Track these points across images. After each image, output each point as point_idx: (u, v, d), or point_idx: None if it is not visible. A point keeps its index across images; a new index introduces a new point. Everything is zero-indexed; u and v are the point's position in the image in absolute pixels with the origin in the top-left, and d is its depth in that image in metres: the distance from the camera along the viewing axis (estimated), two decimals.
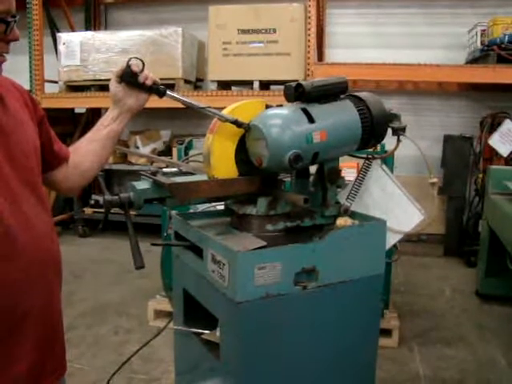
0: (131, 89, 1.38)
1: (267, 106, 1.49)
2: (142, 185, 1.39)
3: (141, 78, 1.36)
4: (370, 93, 1.53)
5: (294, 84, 1.42)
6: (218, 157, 1.44)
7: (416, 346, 3.04)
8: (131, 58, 1.36)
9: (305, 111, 1.39)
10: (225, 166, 1.45)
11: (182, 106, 1.47)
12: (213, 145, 1.43)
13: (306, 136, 1.35)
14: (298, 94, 1.42)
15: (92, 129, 1.44)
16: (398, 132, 1.53)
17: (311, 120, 1.38)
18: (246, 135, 1.44)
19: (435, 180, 1.59)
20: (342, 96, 1.49)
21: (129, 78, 1.36)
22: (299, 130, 1.36)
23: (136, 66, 1.36)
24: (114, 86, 1.39)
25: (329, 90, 1.44)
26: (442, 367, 2.81)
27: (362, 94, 1.51)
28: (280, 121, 1.38)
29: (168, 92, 1.40)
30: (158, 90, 1.39)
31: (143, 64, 1.37)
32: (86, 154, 1.40)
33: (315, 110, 1.40)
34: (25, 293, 1.13)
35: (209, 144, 1.44)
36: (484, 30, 4.48)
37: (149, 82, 1.37)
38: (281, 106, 1.47)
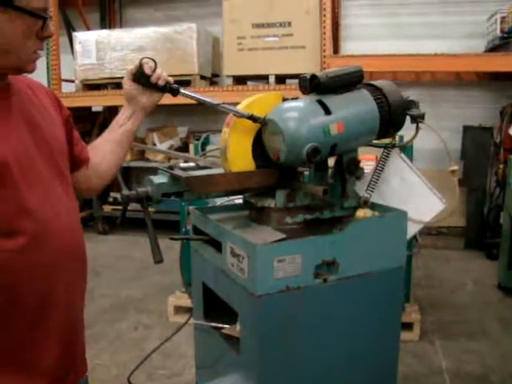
0: (144, 88, 1.39)
1: (284, 100, 1.47)
2: (160, 179, 1.39)
3: (153, 79, 1.36)
4: (387, 81, 1.50)
5: (308, 75, 1.40)
6: (234, 151, 1.42)
7: (438, 340, 3.00)
8: (143, 58, 1.36)
9: (321, 103, 1.37)
10: (242, 160, 1.44)
11: (199, 103, 1.47)
12: (229, 139, 1.42)
13: (323, 128, 1.34)
14: (313, 85, 1.40)
15: (107, 128, 1.45)
16: (417, 119, 1.50)
17: (328, 112, 1.36)
18: (263, 130, 1.43)
19: (456, 167, 1.55)
20: (357, 86, 1.46)
21: (141, 78, 1.37)
22: (316, 122, 1.34)
23: (148, 67, 1.36)
24: (127, 84, 1.39)
25: (344, 80, 1.41)
26: (465, 361, 2.77)
27: (378, 83, 1.49)
28: (296, 114, 1.36)
29: (181, 90, 1.40)
30: (171, 89, 1.39)
31: (155, 64, 1.36)
32: (102, 154, 1.41)
33: (331, 101, 1.38)
34: (52, 282, 1.14)
35: (225, 138, 1.43)
36: (504, 17, 4.37)
37: (161, 82, 1.37)
38: (296, 98, 1.46)
